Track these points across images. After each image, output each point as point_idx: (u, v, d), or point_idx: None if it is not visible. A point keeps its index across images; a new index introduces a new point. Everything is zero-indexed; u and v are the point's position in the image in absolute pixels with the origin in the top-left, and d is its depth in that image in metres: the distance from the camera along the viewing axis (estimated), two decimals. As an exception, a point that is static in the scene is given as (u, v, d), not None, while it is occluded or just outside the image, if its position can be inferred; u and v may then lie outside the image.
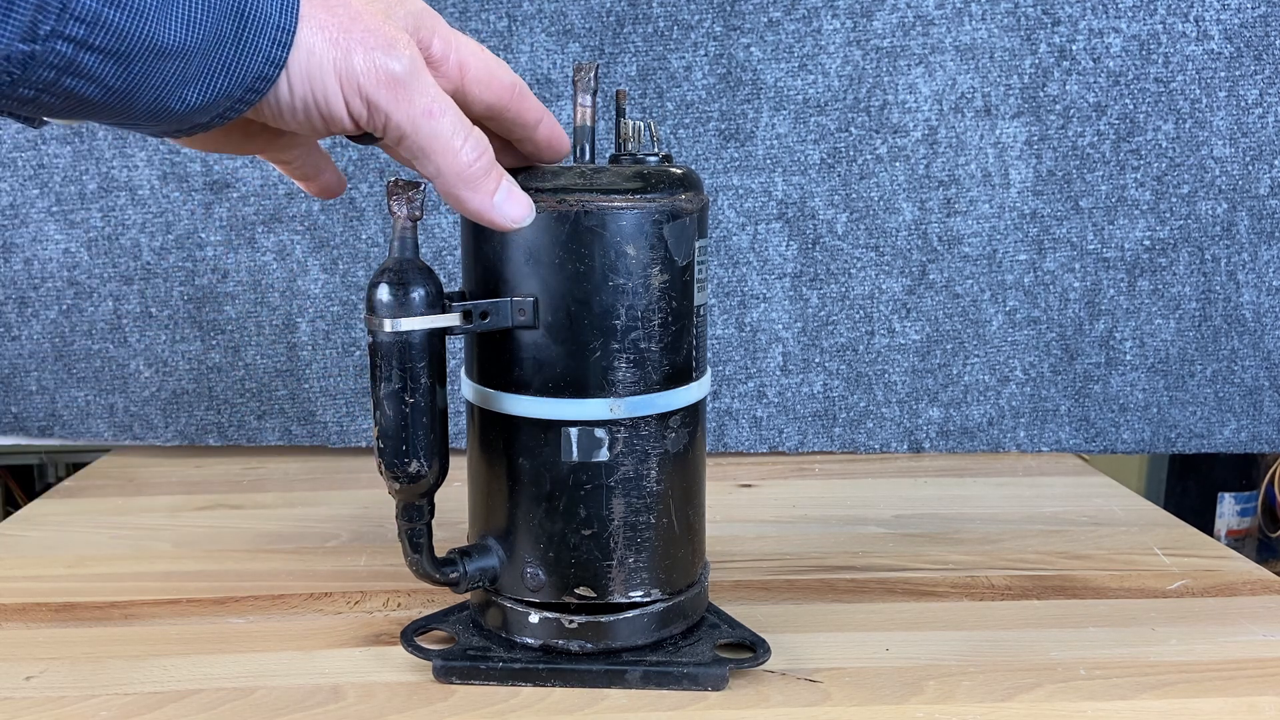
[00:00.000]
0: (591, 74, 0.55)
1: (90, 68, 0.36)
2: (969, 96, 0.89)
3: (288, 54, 0.40)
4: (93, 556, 0.72)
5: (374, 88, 0.42)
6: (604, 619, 0.55)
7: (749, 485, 0.88)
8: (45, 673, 0.56)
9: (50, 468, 1.32)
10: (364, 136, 0.45)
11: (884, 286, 0.92)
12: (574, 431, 0.52)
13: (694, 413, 0.55)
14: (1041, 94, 0.89)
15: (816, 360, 0.94)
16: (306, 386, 0.93)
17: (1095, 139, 0.90)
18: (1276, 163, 0.91)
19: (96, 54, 0.36)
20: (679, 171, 0.54)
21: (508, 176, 0.48)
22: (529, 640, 0.55)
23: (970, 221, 0.91)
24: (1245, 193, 0.91)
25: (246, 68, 0.39)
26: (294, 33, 0.40)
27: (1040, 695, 0.53)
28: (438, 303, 0.50)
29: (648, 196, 0.51)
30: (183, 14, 0.37)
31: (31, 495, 1.28)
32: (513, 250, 0.52)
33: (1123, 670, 0.56)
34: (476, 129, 0.46)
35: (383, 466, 0.51)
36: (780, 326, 0.93)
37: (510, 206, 0.47)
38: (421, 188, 0.50)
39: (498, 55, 0.87)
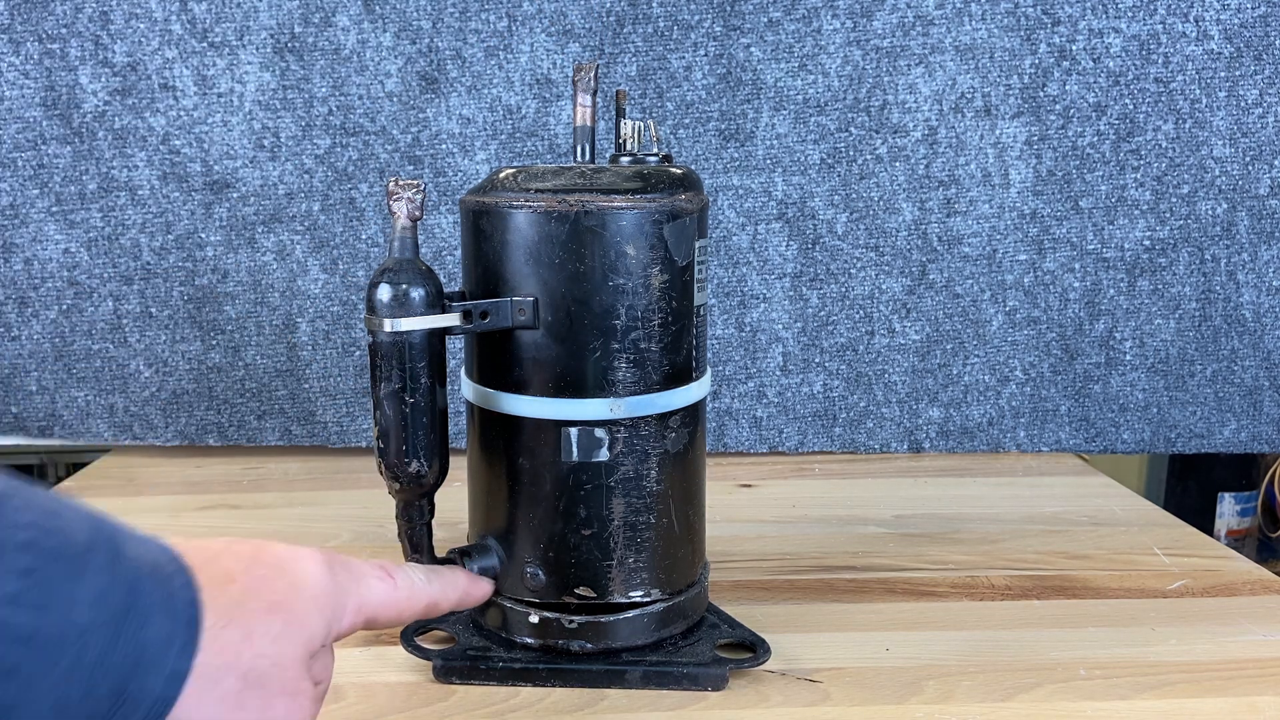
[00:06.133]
0: (591, 74, 0.55)
1: None
2: (969, 96, 0.89)
3: None
4: (93, 556, 0.72)
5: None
6: (604, 619, 0.55)
7: (749, 485, 0.88)
8: (45, 673, 0.56)
9: (50, 468, 1.32)
10: None
11: (884, 286, 0.92)
12: (574, 431, 0.52)
13: (694, 413, 0.55)
14: (1041, 94, 0.89)
15: (816, 360, 0.94)
16: (306, 386, 0.93)
17: (1095, 139, 0.90)
18: (1276, 163, 0.91)
19: None
20: (679, 171, 0.54)
21: (465, 575, 0.53)
22: (529, 640, 0.55)
23: (970, 221, 0.91)
24: (1245, 193, 0.91)
25: None
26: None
27: (1040, 695, 0.53)
28: (437, 303, 0.50)
29: (648, 196, 0.51)
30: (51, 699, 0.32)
31: (31, 495, 1.28)
32: (513, 250, 0.52)
33: (1123, 670, 0.56)
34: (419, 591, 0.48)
35: (383, 466, 0.51)
36: (780, 326, 0.93)
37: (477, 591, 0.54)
38: (421, 188, 0.50)
39: (496, 56, 0.88)
